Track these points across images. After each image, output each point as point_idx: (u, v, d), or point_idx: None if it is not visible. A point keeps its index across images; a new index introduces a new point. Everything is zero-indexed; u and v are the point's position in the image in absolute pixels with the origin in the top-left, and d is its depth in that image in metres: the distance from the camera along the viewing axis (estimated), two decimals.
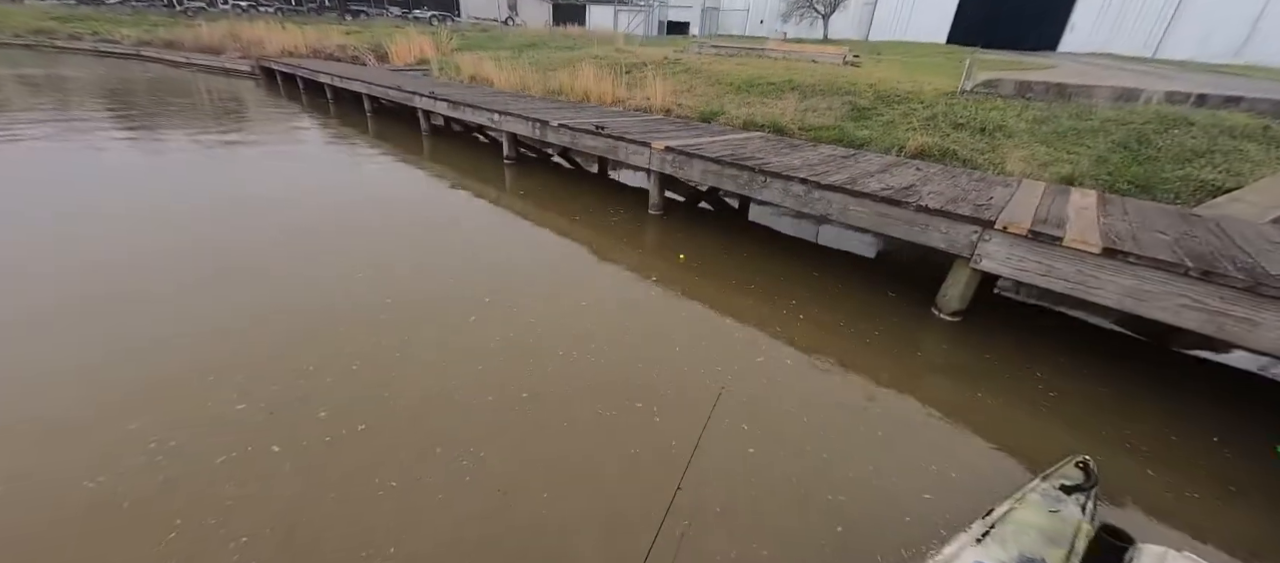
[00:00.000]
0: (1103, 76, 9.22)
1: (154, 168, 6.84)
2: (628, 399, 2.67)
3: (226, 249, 4.32)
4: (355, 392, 2.64)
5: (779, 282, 4.20)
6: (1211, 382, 3.34)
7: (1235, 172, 5.19)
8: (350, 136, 9.31)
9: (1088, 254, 2.99)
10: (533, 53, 15.82)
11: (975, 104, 7.36)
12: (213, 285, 3.68)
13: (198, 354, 2.89)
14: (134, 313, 3.29)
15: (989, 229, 3.32)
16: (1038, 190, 4.34)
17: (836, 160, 5.12)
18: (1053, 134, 6.39)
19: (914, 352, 3.34)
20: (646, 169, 5.49)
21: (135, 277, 3.77)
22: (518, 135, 7.26)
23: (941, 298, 3.78)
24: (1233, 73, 14.61)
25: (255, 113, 11.54)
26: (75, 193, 5.57)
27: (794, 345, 3.29)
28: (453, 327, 3.28)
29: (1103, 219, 3.54)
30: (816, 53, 12.06)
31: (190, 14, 31.91)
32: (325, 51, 18.50)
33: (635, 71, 10.99)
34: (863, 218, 3.92)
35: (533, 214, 5.60)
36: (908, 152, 6.57)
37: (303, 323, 3.25)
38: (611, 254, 4.64)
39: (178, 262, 4.03)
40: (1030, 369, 3.19)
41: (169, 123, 9.56)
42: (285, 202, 5.68)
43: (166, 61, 21.52)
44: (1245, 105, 6.39)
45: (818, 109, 8.16)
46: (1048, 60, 15.48)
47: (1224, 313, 2.67)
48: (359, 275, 3.95)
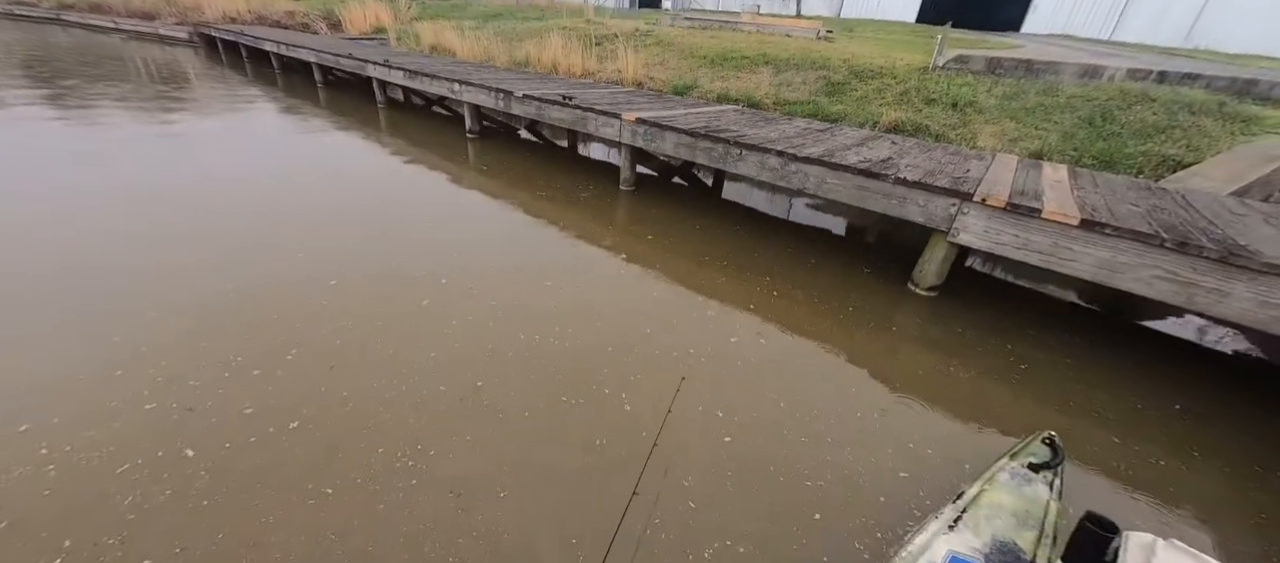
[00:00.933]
0: (1066, 54, 9.36)
1: (75, 144, 6.15)
2: (595, 385, 2.48)
3: (148, 232, 3.87)
4: (288, 385, 2.36)
5: (753, 259, 4.05)
6: (1166, 352, 3.39)
7: (1195, 146, 5.30)
8: (298, 109, 8.63)
9: (1066, 227, 2.93)
10: (498, 22, 15.06)
11: (947, 80, 7.33)
12: (128, 272, 3.28)
13: (101, 347, 2.53)
14: (30, 301, 2.88)
15: (968, 202, 3.23)
16: (1011, 164, 4.31)
17: (813, 133, 4.97)
18: (1022, 110, 6.41)
19: (890, 328, 3.26)
20: (617, 143, 5.22)
21: (42, 264, 3.32)
22: (481, 107, 6.84)
23: (918, 273, 3.71)
24: (1182, 55, 15.19)
25: (196, 84, 10.59)
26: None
27: (768, 325, 3.16)
28: (403, 312, 3.00)
29: (1077, 192, 3.50)
30: (790, 27, 11.86)
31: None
32: (271, 18, 17.17)
33: (606, 44, 10.56)
34: (840, 191, 3.79)
35: (495, 191, 5.28)
36: (882, 126, 6.50)
37: (232, 310, 2.92)
38: (579, 232, 4.39)
39: (91, 247, 3.58)
40: (1002, 343, 3.16)
41: (97, 95, 8.65)
42: (221, 178, 5.18)
43: (91, 27, 19.62)
44: (1203, 82, 6.55)
45: (792, 83, 8.00)
46: (1012, 40, 15.72)
47: (1195, 284, 2.66)
48: (300, 257, 3.59)
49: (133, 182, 4.85)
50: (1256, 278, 2.52)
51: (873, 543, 1.79)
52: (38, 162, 5.25)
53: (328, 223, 4.23)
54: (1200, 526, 2.03)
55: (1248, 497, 2.17)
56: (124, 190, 4.63)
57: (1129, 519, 1.98)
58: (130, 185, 4.76)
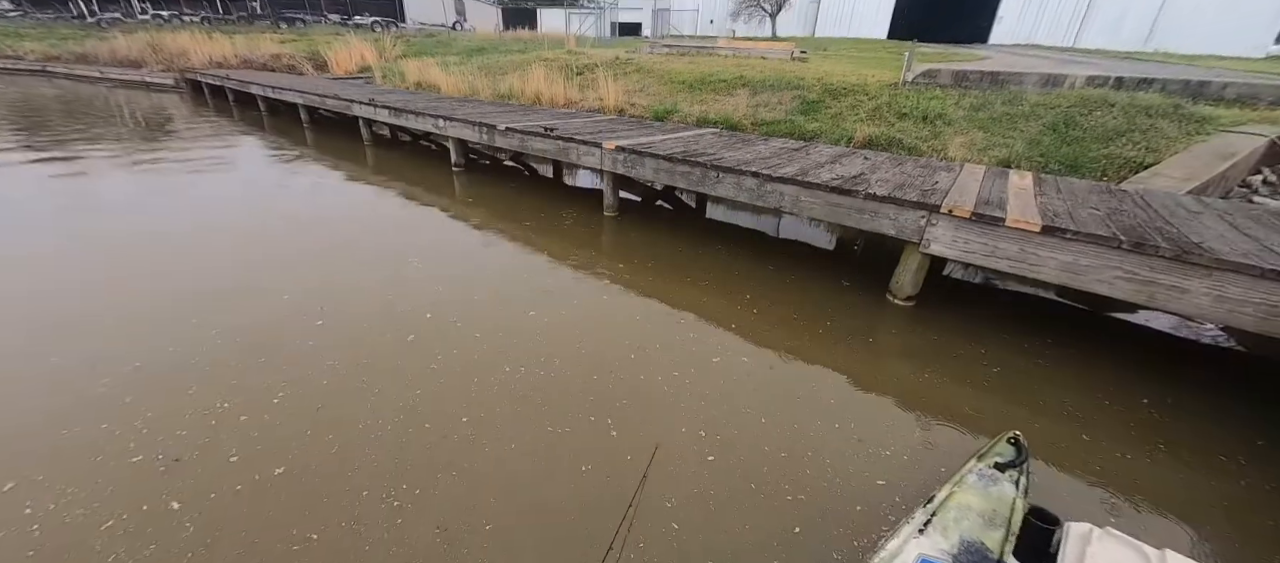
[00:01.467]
0: (1030, 64, 9.73)
1: (56, 192, 6.17)
2: (580, 413, 2.52)
3: (130, 278, 3.89)
4: (274, 429, 2.38)
5: (736, 279, 4.14)
6: (1140, 346, 3.49)
7: (1153, 148, 5.52)
8: (285, 149, 8.73)
9: (1029, 233, 3.05)
10: (482, 57, 15.39)
11: (917, 94, 7.59)
12: (111, 320, 3.29)
13: (86, 399, 2.54)
14: (6, 354, 2.88)
15: (935, 213, 3.35)
16: (979, 174, 4.46)
17: (787, 153, 5.12)
18: (989, 119, 6.65)
19: (867, 339, 3.34)
20: (599, 170, 5.35)
21: (21, 314, 3.32)
22: (466, 141, 6.97)
23: (894, 284, 3.81)
24: (1142, 59, 15.83)
25: (181, 128, 10.69)
26: None
27: (749, 343, 3.22)
28: (389, 349, 3.04)
29: (1040, 198, 3.64)
30: (765, 49, 12.23)
31: (104, 26, 29.47)
32: (258, 62, 17.42)
33: (587, 73, 10.83)
34: (814, 208, 3.91)
35: (481, 222, 5.36)
36: (857, 142, 6.69)
37: (218, 354, 2.93)
38: (564, 260, 4.47)
39: (72, 296, 3.60)
40: (976, 347, 3.24)
41: (78, 142, 8.70)
42: (207, 220, 5.22)
43: (78, 77, 19.78)
44: (1157, 86, 6.85)
45: (769, 104, 8.24)
46: (980, 51, 16.32)
47: (1154, 282, 2.77)
48: (286, 298, 3.62)
49: (114, 228, 4.88)
50: (1210, 274, 2.63)
51: (850, 552, 1.83)
52: (14, 211, 5.27)
53: (314, 262, 4.28)
54: (1159, 516, 2.09)
55: (1209, 486, 2.25)
56: (105, 237, 4.65)
57: (1092, 514, 2.03)
58: (112, 232, 4.78)
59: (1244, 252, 2.69)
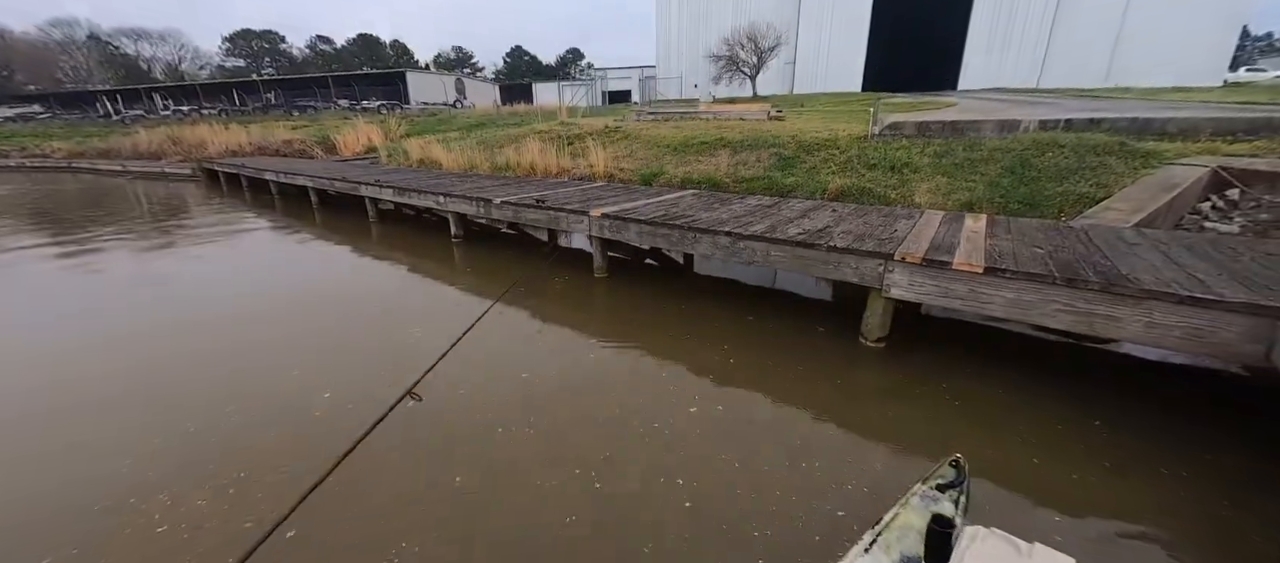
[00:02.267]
0: (988, 112, 10.40)
1: (71, 282, 6.57)
2: (566, 467, 2.70)
3: (144, 362, 4.16)
4: (289, 498, 2.56)
5: (715, 330, 4.40)
6: (1106, 370, 3.67)
7: (1104, 183, 5.92)
8: (295, 229, 9.25)
9: (974, 274, 3.34)
10: (480, 132, 16.41)
11: (884, 145, 8.14)
12: (131, 400, 3.52)
13: (109, 477, 2.73)
14: (29, 439, 3.10)
15: (890, 261, 3.65)
16: (937, 220, 4.81)
17: (762, 210, 5.51)
18: (952, 165, 7.12)
19: (836, 381, 3.57)
20: (588, 236, 5.74)
21: (40, 401, 3.56)
22: (465, 215, 7.44)
23: (865, 327, 4.05)
24: (1103, 95, 16.78)
25: (194, 214, 11.33)
26: None
27: (725, 390, 3.44)
28: (391, 417, 3.25)
29: (989, 241, 3.95)
30: (744, 111, 13.08)
31: (128, 123, 31.47)
32: (271, 148, 18.54)
33: (578, 142, 11.57)
34: (783, 262, 4.22)
35: (479, 289, 5.68)
36: (830, 193, 7.14)
37: (233, 432, 3.14)
38: (554, 321, 4.75)
39: (92, 380, 3.85)
40: (939, 381, 3.45)
41: (95, 231, 9.24)
42: (219, 299, 5.55)
43: (100, 171, 20.98)
44: (1106, 125, 7.37)
45: (748, 162, 8.79)
46: (949, 98, 17.34)
47: (1091, 312, 3.02)
48: (295, 374, 3.87)
49: (129, 312, 5.20)
50: (1138, 303, 2.88)
51: None
52: (33, 300, 5.61)
53: (319, 335, 4.55)
54: (1093, 525, 2.26)
55: (1149, 498, 2.41)
56: (121, 321, 4.95)
57: (1031, 527, 2.19)
58: (127, 316, 5.09)
59: (1167, 280, 2.96)
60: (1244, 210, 5.53)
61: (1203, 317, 2.71)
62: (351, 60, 73.64)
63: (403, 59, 76.59)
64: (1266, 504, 2.36)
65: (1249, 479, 2.52)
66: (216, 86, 44.62)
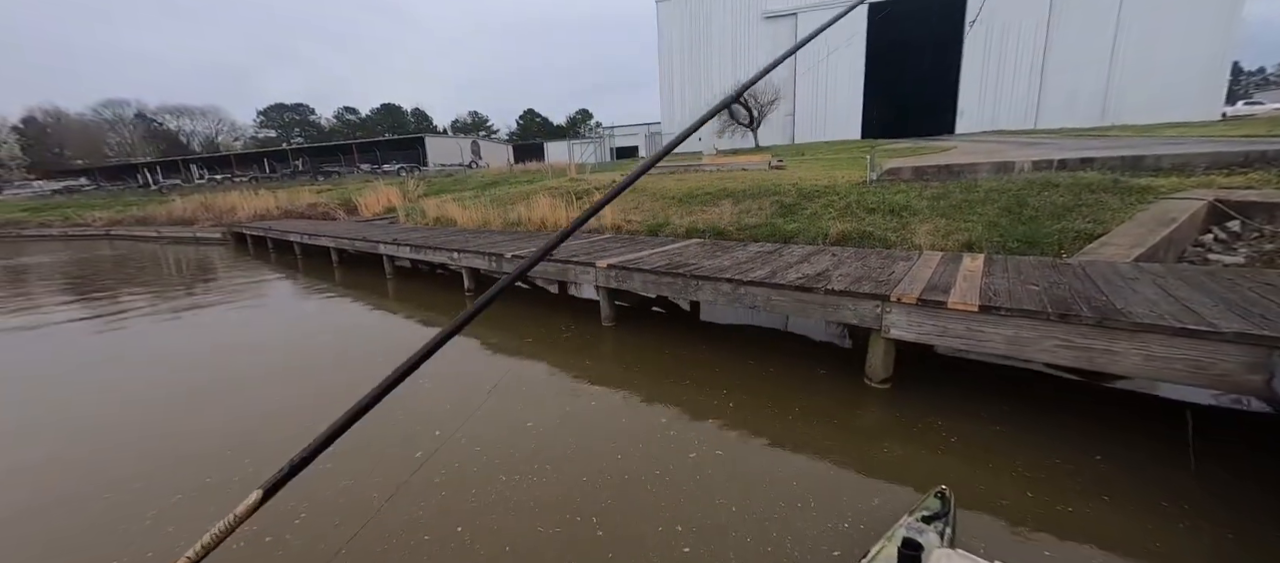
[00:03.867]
0: (983, 154, 10.67)
1: (99, 342, 6.87)
2: (568, 514, 2.73)
3: (165, 418, 4.31)
4: (312, 545, 2.62)
5: (717, 374, 4.46)
6: (1106, 405, 3.63)
7: (1101, 220, 6.00)
8: (316, 286, 9.62)
9: (970, 313, 3.40)
10: (494, 190, 17.12)
11: (882, 190, 8.36)
12: (154, 454, 3.64)
13: (136, 534, 2.82)
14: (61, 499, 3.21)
15: (887, 302, 3.74)
16: (934, 261, 4.91)
17: (763, 256, 5.67)
18: (949, 207, 7.27)
19: (833, 421, 3.61)
20: (595, 286, 5.92)
21: (72, 457, 3.70)
22: (478, 269, 7.72)
23: (868, 368, 4.08)
24: (1099, 134, 17.08)
25: (221, 276, 11.85)
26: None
27: (726, 434, 3.48)
28: (396, 464, 3.31)
29: (985, 280, 4.03)
30: (746, 162, 13.55)
31: (165, 191, 33.37)
32: (297, 211, 19.48)
33: (587, 197, 12.03)
34: (784, 306, 4.32)
35: (488, 340, 5.83)
36: (831, 238, 7.30)
37: (253, 480, 3.23)
38: (561, 369, 4.85)
39: (120, 435, 3.99)
40: (939, 420, 3.46)
41: (123, 295, 9.69)
42: (239, 353, 5.75)
43: (136, 237, 22.08)
44: (1098, 164, 7.52)
45: (750, 211, 9.05)
46: (947, 143, 17.81)
47: (1089, 348, 3.04)
48: (306, 419, 3.97)
49: (149, 374, 5.41)
50: (1133, 336, 2.91)
51: None
52: (64, 359, 5.87)
53: (336, 388, 4.68)
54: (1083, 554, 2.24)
55: (1145, 529, 2.40)
56: (142, 385, 5.15)
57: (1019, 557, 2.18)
58: (146, 380, 5.29)
59: (1161, 313, 2.99)
60: (1248, 240, 5.54)
61: (1200, 348, 2.73)
62: (375, 127, 78.08)
63: (422, 124, 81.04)
64: (1269, 536, 2.30)
65: (1257, 513, 2.46)
66: (249, 156, 47.48)
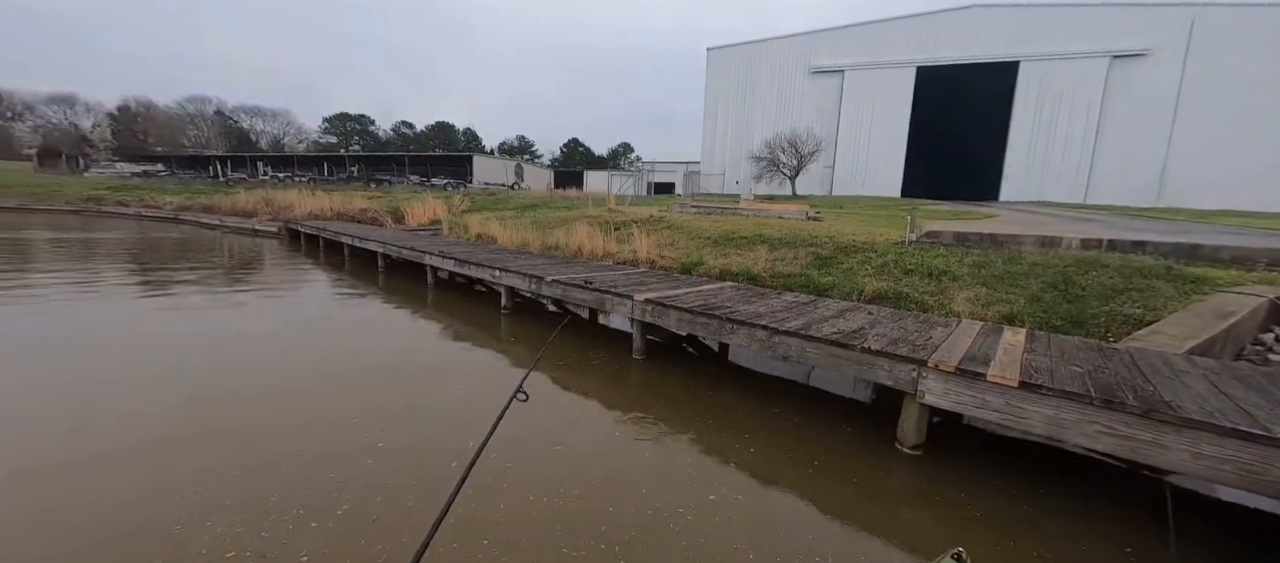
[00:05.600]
0: (1028, 226, 10.50)
1: (155, 314, 7.40)
2: (593, 542, 2.82)
3: (216, 400, 4.62)
4: (345, 539, 2.78)
5: (741, 420, 4.51)
6: (1145, 498, 3.48)
7: (1152, 307, 5.83)
8: (360, 289, 10.13)
9: (1009, 388, 3.39)
10: (534, 212, 17.75)
11: (922, 252, 8.33)
12: (199, 432, 3.92)
13: (184, 500, 3.04)
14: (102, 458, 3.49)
15: (924, 367, 3.75)
16: (974, 330, 4.88)
17: (798, 307, 5.74)
18: (991, 276, 7.19)
19: (853, 480, 3.61)
20: (630, 318, 6.08)
21: (109, 422, 4.01)
22: (516, 289, 8.02)
23: (899, 431, 4.05)
24: (1153, 216, 16.51)
25: (270, 269, 12.60)
26: (59, 350, 6.01)
27: (748, 483, 3.52)
28: (434, 474, 3.47)
29: (1027, 355, 4.00)
30: (783, 210, 13.69)
31: (231, 184, 35.80)
32: (348, 214, 20.58)
33: (623, 228, 12.36)
34: (817, 359, 4.37)
35: (521, 360, 6.03)
36: (866, 295, 7.29)
37: (296, 472, 3.44)
38: (590, 396, 4.98)
39: (165, 403, 4.31)
40: (964, 492, 3.42)
41: (177, 278, 10.41)
42: (277, 349, 6.11)
43: (200, 224, 23.66)
44: (1151, 248, 7.34)
45: (785, 259, 9.14)
46: (989, 209, 17.54)
47: (1133, 438, 2.99)
48: (355, 421, 4.21)
49: (202, 353, 5.80)
50: (1181, 431, 2.86)
51: None
52: (121, 326, 6.35)
53: (375, 390, 4.93)
54: None
55: None
56: (195, 360, 5.53)
57: None
58: (199, 357, 5.68)
59: (1212, 410, 2.93)
60: None
61: (1251, 451, 2.66)
62: (427, 142, 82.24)
63: (472, 144, 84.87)
64: None
65: None
66: (310, 158, 50.62)
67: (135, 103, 71.93)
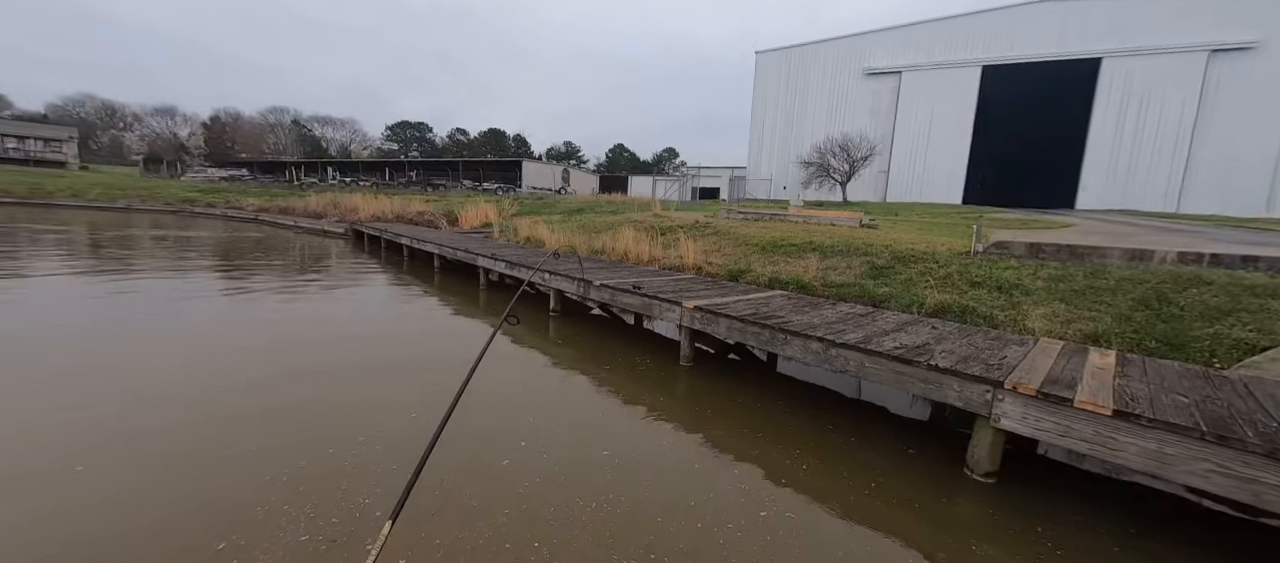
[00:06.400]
0: (1114, 236, 9.61)
1: (234, 300, 8.03)
2: (644, 552, 2.79)
3: (284, 382, 4.94)
4: (404, 523, 2.89)
5: (794, 434, 4.35)
6: (1260, 545, 3.06)
7: (1269, 330, 5.17)
8: (417, 287, 10.63)
9: (1100, 415, 3.08)
10: (581, 216, 18.04)
11: (990, 264, 7.80)
12: (259, 412, 4.19)
13: (261, 473, 3.26)
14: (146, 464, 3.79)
15: (1000, 389, 3.48)
16: (1054, 350, 4.50)
17: (854, 319, 5.50)
18: (1071, 292, 6.63)
19: (914, 505, 3.37)
20: (678, 325, 6.03)
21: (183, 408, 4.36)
22: (564, 292, 8.16)
23: (970, 457, 3.78)
24: (1260, 227, 14.70)
25: (336, 266, 13.45)
26: (145, 333, 6.61)
27: (799, 499, 3.38)
28: (482, 471, 3.55)
29: (1118, 380, 3.64)
30: (835, 216, 13.23)
31: (304, 187, 38.61)
32: (407, 217, 21.70)
33: (669, 233, 12.33)
34: (879, 374, 4.16)
35: (568, 362, 6.11)
36: (927, 308, 6.90)
37: (359, 458, 3.62)
38: (638, 403, 4.95)
39: (236, 385, 4.65)
40: (1042, 528, 3.14)
41: (256, 271, 11.28)
42: (338, 340, 6.48)
43: (277, 224, 25.65)
44: (1265, 264, 6.52)
45: (838, 268, 8.81)
46: (1064, 218, 16.21)
47: (1255, 480, 2.64)
48: (413, 415, 4.39)
49: (267, 338, 6.23)
50: None
51: None
52: (201, 309, 6.92)
53: (430, 381, 5.13)
54: None
55: None
56: (261, 343, 5.94)
57: None
58: (263, 338, 6.10)
59: None
60: None
61: None
62: (480, 148, 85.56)
63: (521, 149, 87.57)
64: None
65: None
66: (373, 164, 53.90)
67: (224, 114, 79.24)
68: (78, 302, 8.49)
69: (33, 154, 54.45)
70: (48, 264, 11.82)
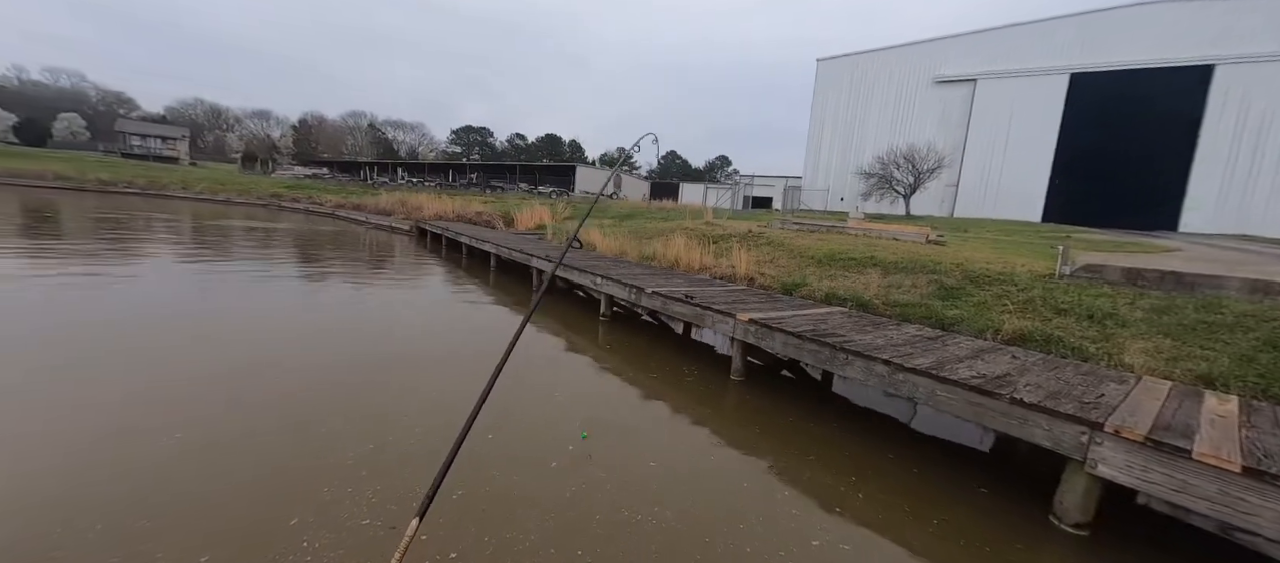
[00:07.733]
0: (1230, 264, 8.49)
1: (296, 296, 8.62)
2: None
3: (344, 363, 5.21)
4: (460, 519, 2.95)
5: (848, 458, 4.12)
6: None
7: None
8: (472, 285, 11.05)
9: (1227, 471, 2.68)
10: (632, 222, 18.14)
11: (1078, 289, 7.10)
12: (319, 390, 4.42)
13: (310, 451, 3.44)
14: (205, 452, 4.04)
15: (1098, 431, 3.12)
16: (1162, 391, 3.99)
17: (923, 341, 5.14)
18: (1178, 326, 5.90)
19: (986, 549, 3.05)
20: (730, 337, 5.88)
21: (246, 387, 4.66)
22: (614, 297, 8.19)
23: (1058, 505, 3.41)
24: None
25: (400, 260, 14.24)
26: (229, 310, 7.17)
27: (855, 531, 3.17)
28: (533, 473, 3.56)
29: (1245, 431, 3.16)
30: (898, 231, 12.55)
31: (375, 187, 41.37)
32: (467, 217, 22.70)
33: (721, 243, 12.14)
34: (953, 405, 3.84)
35: (617, 368, 6.10)
36: (1003, 335, 6.35)
37: (412, 446, 3.75)
38: (687, 415, 4.86)
39: (292, 371, 4.94)
40: None
41: (329, 261, 12.10)
42: (395, 331, 6.79)
43: (351, 220, 27.58)
44: None
45: (902, 286, 8.31)
46: (1165, 242, 14.53)
47: None
48: (461, 407, 4.51)
49: (332, 326, 6.61)
50: None
51: None
52: (277, 296, 7.45)
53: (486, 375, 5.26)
54: None
55: None
56: (330, 329, 6.31)
57: None
58: (330, 324, 6.47)
59: None
60: None
61: None
62: (536, 153, 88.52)
63: (576, 155, 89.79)
64: None
65: None
66: (438, 166, 57.03)
67: (311, 117, 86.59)
68: (191, 283, 9.49)
69: (153, 151, 61.84)
70: (160, 249, 13.28)
